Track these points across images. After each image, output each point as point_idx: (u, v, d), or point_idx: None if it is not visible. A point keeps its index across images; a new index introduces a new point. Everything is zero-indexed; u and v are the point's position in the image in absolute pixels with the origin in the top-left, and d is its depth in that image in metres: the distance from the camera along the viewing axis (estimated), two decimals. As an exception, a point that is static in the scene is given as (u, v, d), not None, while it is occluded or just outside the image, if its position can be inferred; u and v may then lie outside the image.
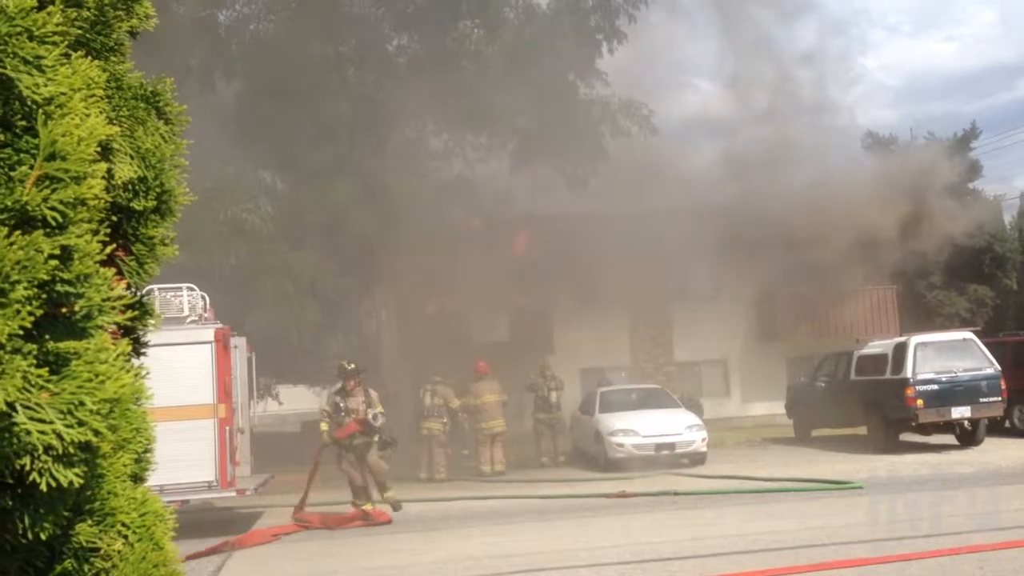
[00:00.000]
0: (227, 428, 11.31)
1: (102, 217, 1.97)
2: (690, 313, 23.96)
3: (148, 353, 2.28)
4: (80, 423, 1.60)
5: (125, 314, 2.00)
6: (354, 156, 19.45)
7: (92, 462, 1.77)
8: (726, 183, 22.54)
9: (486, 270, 19.44)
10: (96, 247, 1.72)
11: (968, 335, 16.63)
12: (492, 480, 16.37)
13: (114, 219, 2.14)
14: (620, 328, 24.00)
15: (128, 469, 2.07)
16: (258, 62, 19.65)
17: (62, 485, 1.61)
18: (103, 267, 1.78)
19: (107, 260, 1.83)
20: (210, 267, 17.05)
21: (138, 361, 2.12)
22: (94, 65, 1.90)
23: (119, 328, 2.06)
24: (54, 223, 1.64)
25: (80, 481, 1.64)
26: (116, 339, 1.99)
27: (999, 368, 15.85)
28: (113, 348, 1.80)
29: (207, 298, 12.20)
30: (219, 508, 13.24)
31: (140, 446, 2.16)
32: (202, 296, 12.11)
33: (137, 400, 1.97)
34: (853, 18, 52.49)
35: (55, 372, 1.61)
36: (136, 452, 2.14)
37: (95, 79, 1.87)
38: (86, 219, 1.73)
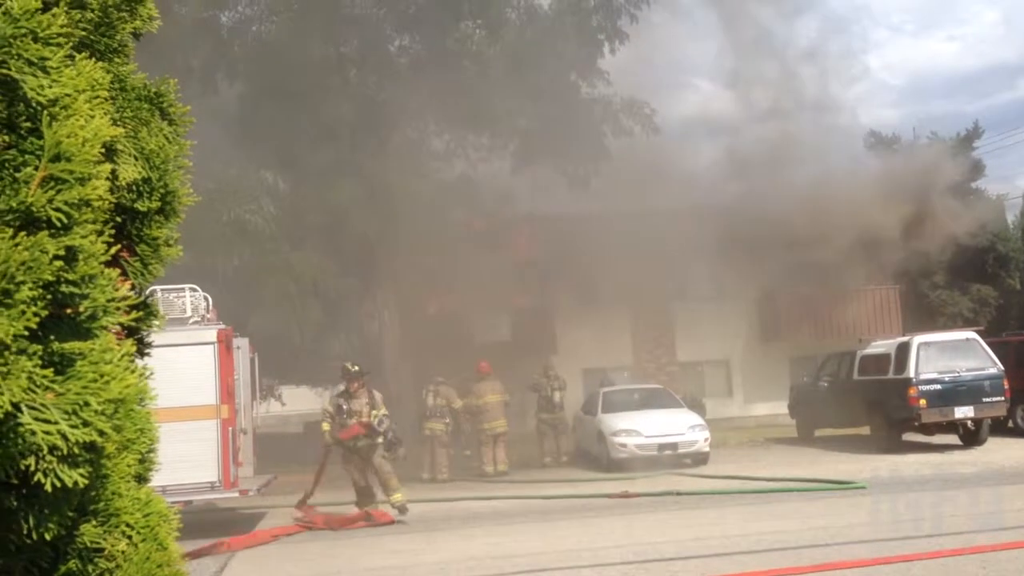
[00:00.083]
0: (230, 429, 11.31)
1: (106, 218, 1.97)
2: (692, 313, 23.92)
3: (152, 354, 2.28)
4: (85, 423, 1.60)
5: (129, 315, 2.01)
6: (356, 156, 19.44)
7: (97, 462, 1.77)
8: (728, 182, 22.52)
9: (488, 270, 19.45)
10: (100, 248, 1.73)
11: (971, 335, 16.61)
12: (495, 480, 16.37)
13: (118, 220, 2.15)
14: (622, 328, 23.98)
15: (132, 470, 2.07)
16: (260, 63, 19.66)
17: (67, 485, 1.62)
18: (107, 268, 1.79)
19: (111, 261, 1.83)
20: (213, 268, 17.06)
21: (142, 362, 2.12)
22: (98, 66, 1.90)
23: (123, 329, 2.07)
24: (59, 224, 1.64)
25: (85, 481, 1.65)
26: (120, 340, 1.99)
27: (1002, 368, 15.83)
28: (117, 349, 1.80)
29: (210, 299, 12.20)
30: (222, 509, 13.25)
31: (144, 447, 2.16)
32: (205, 297, 12.10)
33: (141, 401, 1.97)
34: (855, 15, 52.44)
35: (60, 372, 1.62)
36: (140, 453, 2.14)
37: (99, 80, 1.87)
38: (90, 220, 1.73)
